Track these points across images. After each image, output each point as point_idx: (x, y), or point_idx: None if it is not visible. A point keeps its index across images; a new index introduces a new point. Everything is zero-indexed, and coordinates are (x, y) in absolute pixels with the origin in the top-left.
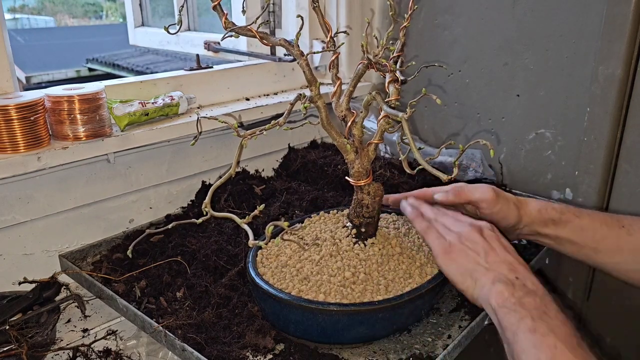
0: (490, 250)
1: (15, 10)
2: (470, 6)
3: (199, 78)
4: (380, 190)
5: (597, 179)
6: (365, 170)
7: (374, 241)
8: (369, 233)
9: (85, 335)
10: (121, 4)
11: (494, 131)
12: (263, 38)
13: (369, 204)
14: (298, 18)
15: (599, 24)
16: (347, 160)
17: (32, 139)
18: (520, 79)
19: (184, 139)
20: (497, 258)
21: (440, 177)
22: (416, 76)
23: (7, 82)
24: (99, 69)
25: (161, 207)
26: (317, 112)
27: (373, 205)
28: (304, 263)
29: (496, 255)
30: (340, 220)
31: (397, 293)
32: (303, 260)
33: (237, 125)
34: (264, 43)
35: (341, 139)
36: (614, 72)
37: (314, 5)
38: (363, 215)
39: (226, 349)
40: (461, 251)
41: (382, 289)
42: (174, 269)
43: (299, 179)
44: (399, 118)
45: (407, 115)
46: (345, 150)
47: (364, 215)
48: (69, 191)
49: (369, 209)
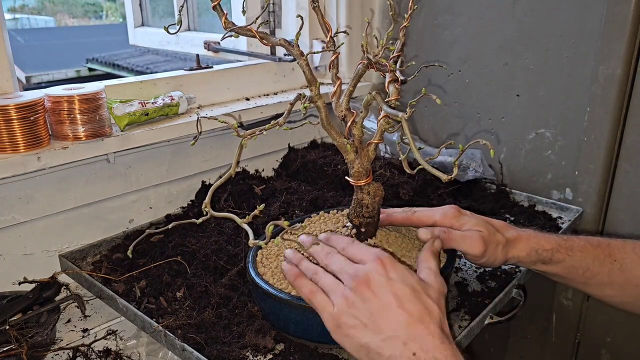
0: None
1: (15, 10)
2: (470, 6)
3: (199, 78)
4: (380, 190)
5: (597, 179)
6: (365, 170)
7: (374, 241)
8: (369, 233)
9: (85, 335)
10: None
11: (494, 131)
12: (263, 38)
13: (369, 204)
14: (298, 18)
15: (599, 24)
16: (347, 160)
17: (32, 139)
18: (520, 79)
19: (184, 139)
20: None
21: (441, 177)
22: (416, 76)
23: (7, 82)
24: (99, 69)
25: (161, 207)
26: (317, 112)
27: (373, 205)
28: None
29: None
30: (340, 220)
31: None
32: None
33: (237, 125)
34: (263, 43)
35: (341, 139)
36: (614, 72)
37: (313, 5)
38: (363, 215)
39: (226, 349)
40: (349, 322)
41: None
42: (174, 269)
43: (299, 179)
44: (399, 118)
45: (407, 115)
46: (345, 150)
47: (364, 215)
48: (69, 191)
49: (369, 208)
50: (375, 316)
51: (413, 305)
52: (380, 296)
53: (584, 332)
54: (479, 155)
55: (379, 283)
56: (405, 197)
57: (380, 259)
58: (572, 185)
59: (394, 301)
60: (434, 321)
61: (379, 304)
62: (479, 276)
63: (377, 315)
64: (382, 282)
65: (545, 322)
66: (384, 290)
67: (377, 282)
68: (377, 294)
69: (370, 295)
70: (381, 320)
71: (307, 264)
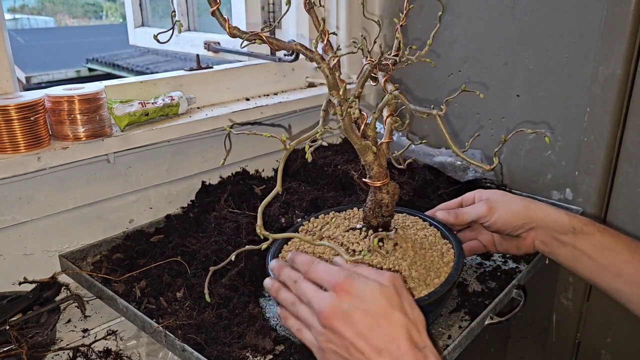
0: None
1: (15, 10)
2: (470, 6)
3: (199, 78)
4: (397, 189)
5: (597, 179)
6: (384, 171)
7: (396, 241)
8: None
9: (85, 335)
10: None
11: (494, 131)
12: (275, 44)
13: (389, 203)
14: (299, 18)
15: (599, 24)
16: (365, 162)
17: (32, 139)
18: (520, 79)
19: (184, 139)
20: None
21: (483, 167)
22: (402, 67)
23: (7, 82)
24: (99, 69)
25: (161, 207)
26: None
27: (392, 204)
28: None
29: (364, 351)
30: (345, 222)
31: (430, 289)
32: None
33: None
34: (276, 49)
35: (362, 141)
36: (614, 72)
37: (308, 7)
38: (382, 215)
39: (226, 349)
40: (333, 358)
41: (422, 285)
42: (174, 269)
43: (299, 179)
44: (435, 114)
45: (443, 112)
46: (366, 152)
47: (383, 215)
48: (69, 191)
49: (389, 207)
50: (351, 349)
51: (376, 336)
52: (347, 330)
53: (584, 332)
54: (479, 156)
55: (342, 316)
56: (406, 197)
57: (339, 284)
58: (572, 186)
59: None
60: (402, 338)
61: (351, 336)
62: (479, 276)
63: (353, 349)
64: (344, 315)
65: (545, 322)
66: (347, 324)
67: (339, 315)
68: (344, 328)
69: (340, 328)
70: (357, 353)
71: (284, 294)
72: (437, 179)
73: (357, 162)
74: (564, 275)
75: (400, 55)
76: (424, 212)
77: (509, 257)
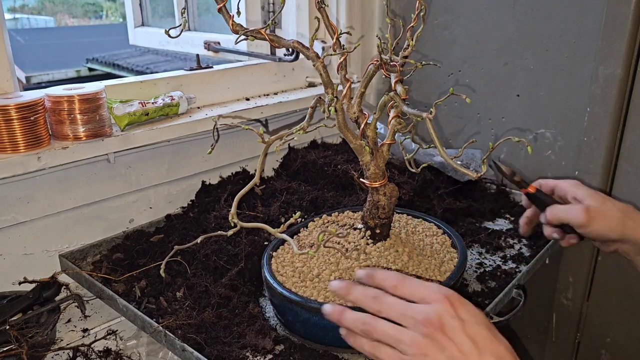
0: None
1: (15, 10)
2: (470, 6)
3: (199, 78)
4: (395, 191)
5: (597, 179)
6: (381, 172)
7: (392, 242)
8: (384, 234)
9: (85, 335)
10: (121, 4)
11: (494, 131)
12: (274, 41)
13: (386, 205)
14: (299, 18)
15: (599, 24)
16: (362, 162)
17: (32, 139)
18: (520, 79)
19: (184, 139)
20: None
21: (470, 175)
22: (412, 74)
23: (7, 82)
24: (99, 69)
25: (161, 207)
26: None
27: (389, 206)
28: (324, 268)
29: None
30: (346, 222)
31: None
32: (321, 264)
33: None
34: (275, 46)
35: (358, 141)
36: (614, 72)
37: (319, 6)
38: (379, 216)
39: (226, 349)
40: None
41: None
42: (174, 269)
43: (299, 179)
44: (424, 117)
45: (432, 115)
46: (362, 152)
47: (379, 217)
48: (69, 191)
49: (385, 209)
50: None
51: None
52: (457, 342)
53: (584, 332)
54: (479, 156)
55: (453, 327)
56: (406, 197)
57: (447, 296)
58: None
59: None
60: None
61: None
62: (479, 276)
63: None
64: (456, 326)
65: (545, 322)
66: (459, 335)
67: (450, 325)
68: (454, 339)
69: (446, 342)
70: None
71: (351, 315)
72: (437, 179)
73: (357, 161)
74: (564, 275)
75: (407, 54)
76: (434, 209)
77: (509, 257)
